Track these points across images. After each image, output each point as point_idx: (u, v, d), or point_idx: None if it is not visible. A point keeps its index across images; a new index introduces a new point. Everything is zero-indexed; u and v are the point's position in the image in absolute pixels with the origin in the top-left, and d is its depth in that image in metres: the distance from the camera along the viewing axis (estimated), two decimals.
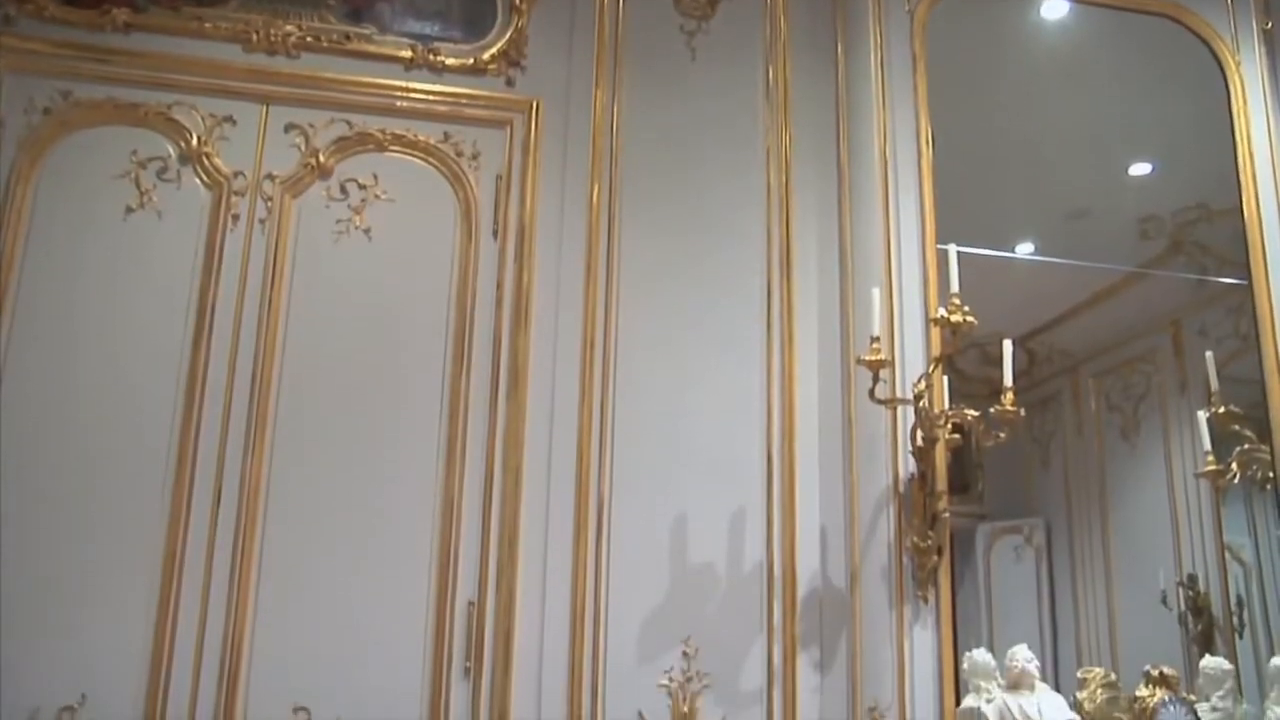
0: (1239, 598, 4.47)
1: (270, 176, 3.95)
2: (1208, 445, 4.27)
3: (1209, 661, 4.19)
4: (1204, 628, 4.42)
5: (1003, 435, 3.70)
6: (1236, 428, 4.36)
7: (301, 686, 3.53)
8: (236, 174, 3.93)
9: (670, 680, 3.76)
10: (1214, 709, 4.07)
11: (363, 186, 4.01)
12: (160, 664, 3.45)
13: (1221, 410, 4.39)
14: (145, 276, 3.78)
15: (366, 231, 3.95)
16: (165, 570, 3.52)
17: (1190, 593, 4.44)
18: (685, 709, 3.75)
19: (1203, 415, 4.41)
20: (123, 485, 3.58)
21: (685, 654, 3.78)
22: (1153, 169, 4.78)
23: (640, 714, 3.71)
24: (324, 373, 3.79)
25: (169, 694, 3.44)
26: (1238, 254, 4.52)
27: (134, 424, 3.64)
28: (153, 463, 3.61)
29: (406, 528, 3.69)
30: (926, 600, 3.78)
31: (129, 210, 3.84)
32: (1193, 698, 3.95)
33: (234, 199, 3.91)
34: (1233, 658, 4.24)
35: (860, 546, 3.88)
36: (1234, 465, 4.33)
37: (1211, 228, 4.67)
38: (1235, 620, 4.44)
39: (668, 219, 4.17)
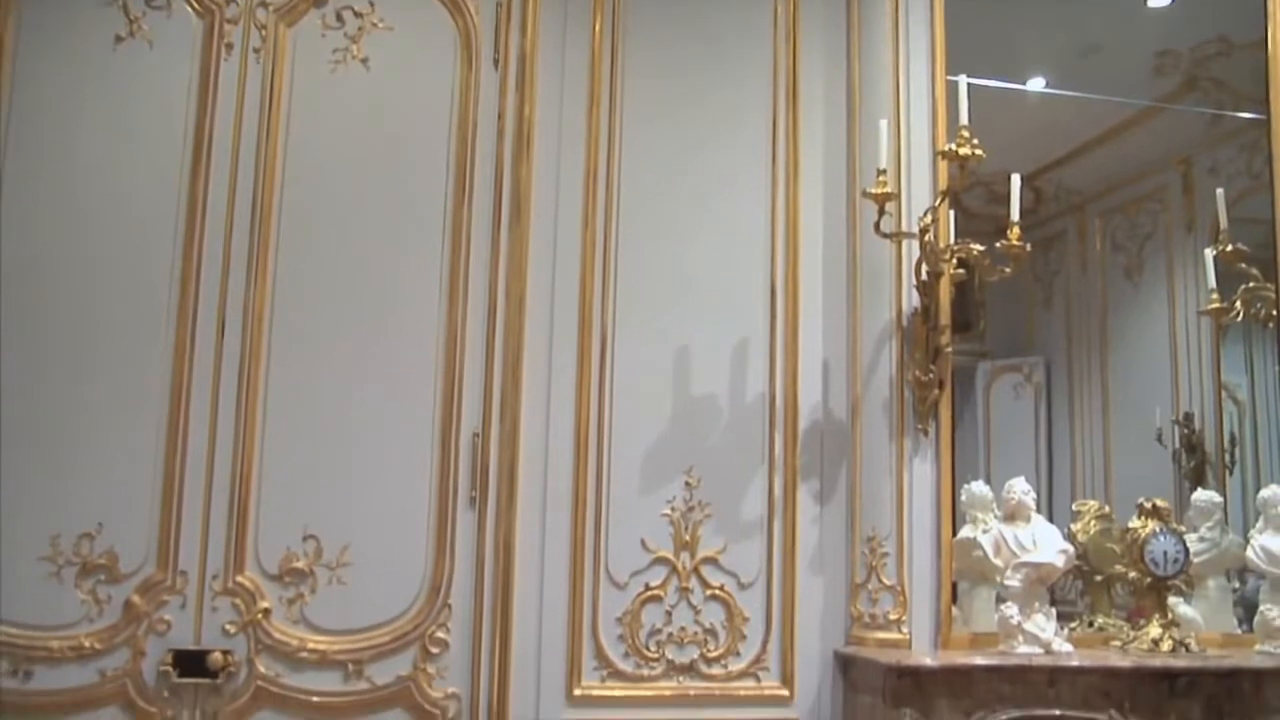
0: (1232, 435, 4.54)
1: (264, 4, 3.83)
2: (1213, 283, 4.26)
3: (1200, 495, 4.28)
4: (1196, 465, 4.50)
5: (1008, 270, 3.69)
6: (1243, 265, 4.35)
7: (310, 515, 3.59)
8: (229, 1, 3.81)
9: (672, 510, 3.83)
10: (1202, 539, 4.17)
11: (359, 15, 3.89)
12: (171, 494, 3.51)
13: (1229, 249, 4.37)
14: (139, 107, 3.70)
15: (364, 61, 3.85)
16: (173, 402, 3.55)
17: (1185, 431, 4.50)
18: (687, 538, 3.83)
19: (1209, 253, 4.40)
20: (126, 318, 3.57)
21: (687, 484, 3.84)
22: (1172, 1, 4.65)
23: (643, 542, 3.79)
24: (325, 204, 3.74)
25: (181, 522, 3.51)
26: (1257, 90, 4.42)
27: (135, 257, 3.61)
28: (155, 295, 3.60)
29: (410, 359, 3.70)
30: (926, 433, 3.82)
31: (118, 39, 3.74)
32: (1183, 529, 4.04)
33: (227, 27, 3.80)
34: (1223, 493, 4.34)
35: (862, 380, 3.90)
36: (1238, 303, 4.33)
37: (1230, 62, 4.57)
38: (1227, 458, 4.52)
39: (672, 48, 4.06)
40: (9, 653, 3.38)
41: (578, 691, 3.71)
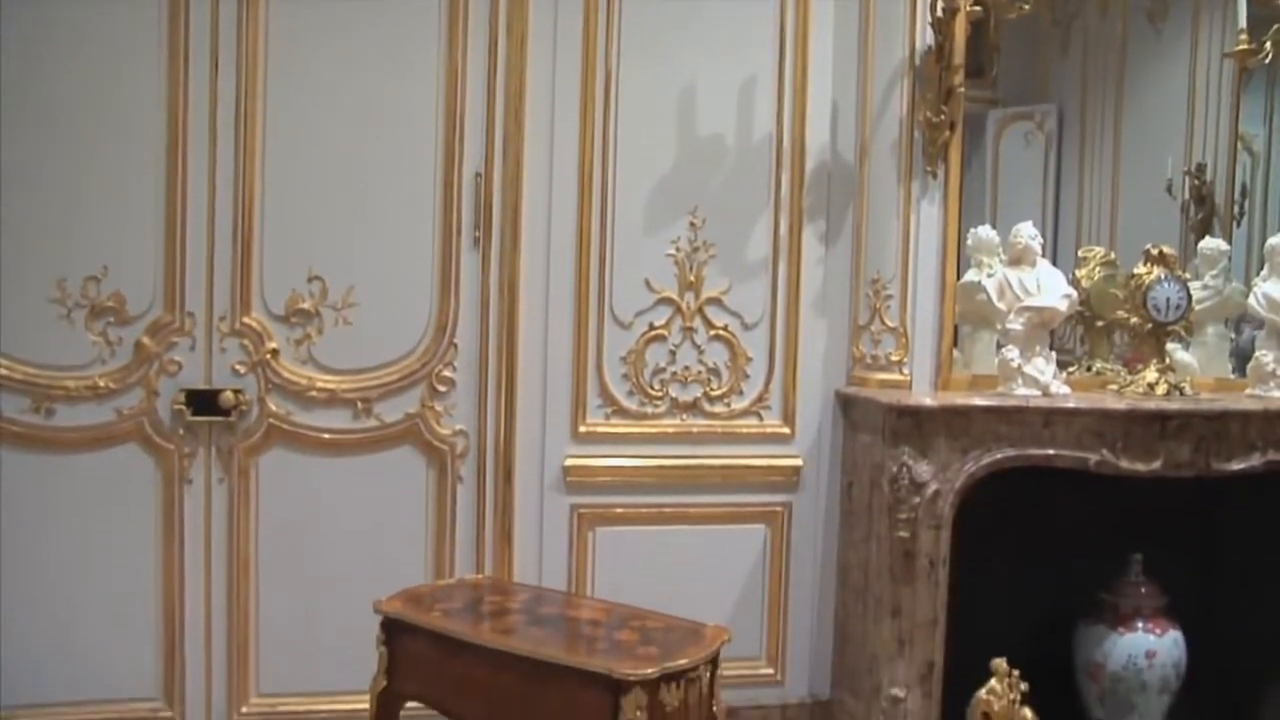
0: (1243, 186, 4.49)
1: None
2: (1242, 23, 4.10)
3: (1207, 242, 4.26)
4: (1204, 216, 4.46)
5: (1026, 7, 3.56)
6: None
7: (315, 257, 3.59)
8: None
9: (677, 250, 3.83)
10: (1205, 287, 4.18)
11: None
12: (174, 237, 3.50)
13: None
14: None
15: None
16: (170, 143, 3.47)
17: (1196, 181, 4.45)
18: (691, 278, 3.84)
19: None
20: (121, 58, 3.45)
21: (692, 224, 3.82)
22: None
23: (647, 282, 3.81)
24: None
25: (186, 264, 3.51)
26: None
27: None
28: (147, 32, 3.46)
29: (411, 99, 3.62)
30: (935, 175, 3.77)
31: None
32: (1187, 276, 4.03)
33: None
34: (1229, 244, 4.32)
35: (872, 120, 3.82)
36: (1267, 45, 4.18)
37: None
38: (1236, 209, 4.48)
39: None
40: (30, 391, 3.44)
41: (583, 428, 3.80)
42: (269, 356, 3.57)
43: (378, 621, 2.67)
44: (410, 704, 2.70)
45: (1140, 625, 3.95)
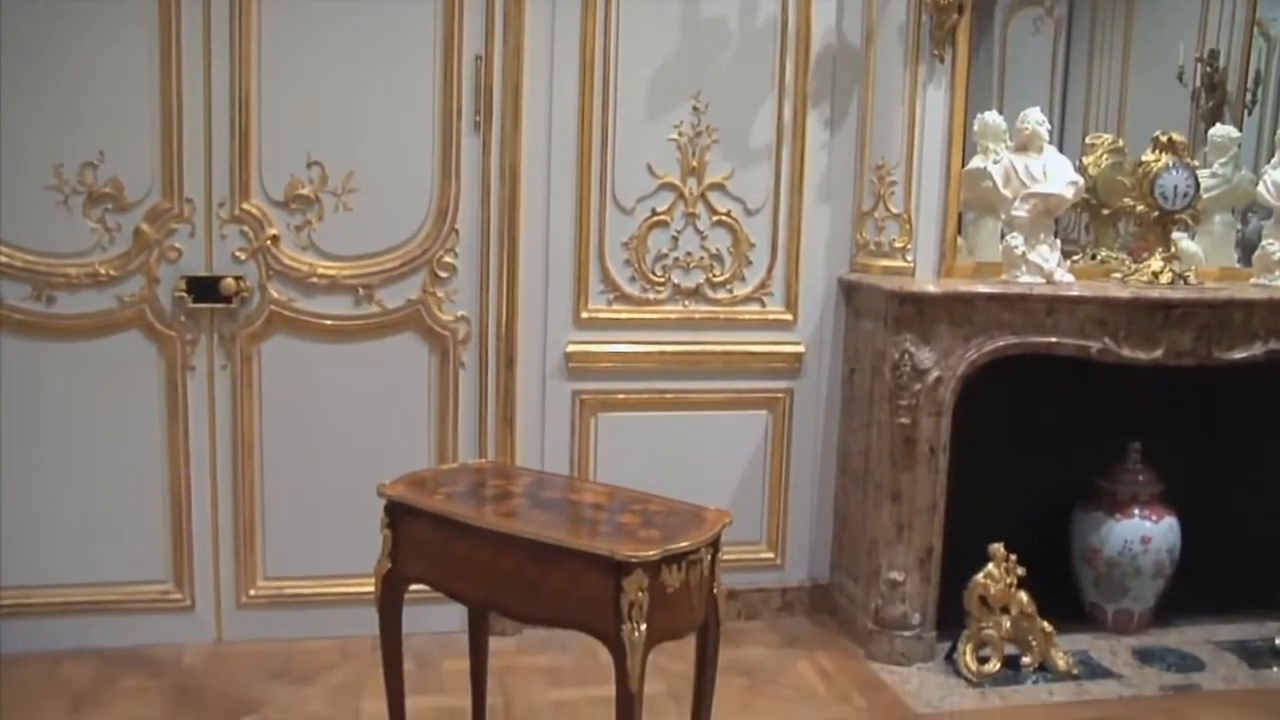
0: (1257, 73, 4.41)
1: None
2: None
3: (1218, 129, 4.21)
4: (1215, 103, 4.40)
5: None
6: None
7: (313, 142, 3.54)
8: None
9: (679, 135, 3.78)
10: (1214, 175, 4.14)
11: None
12: (171, 122, 3.44)
13: None
14: None
15: None
16: (162, 26, 3.40)
17: (1208, 68, 4.37)
18: (694, 163, 3.79)
19: None
20: None
21: (695, 109, 3.77)
22: None
23: (649, 167, 3.77)
24: None
25: (183, 151, 3.47)
26: None
27: None
28: None
29: None
30: (942, 60, 3.69)
31: None
32: (1196, 164, 3.99)
33: None
34: (1240, 131, 4.26)
35: (878, 3, 3.74)
36: None
37: None
38: (1249, 96, 4.41)
39: None
40: (31, 279, 3.43)
41: (584, 314, 3.80)
42: (269, 243, 3.55)
43: (382, 505, 2.69)
44: (414, 586, 2.73)
45: (1137, 512, 4.00)
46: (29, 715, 3.21)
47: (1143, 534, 3.96)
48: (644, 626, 2.32)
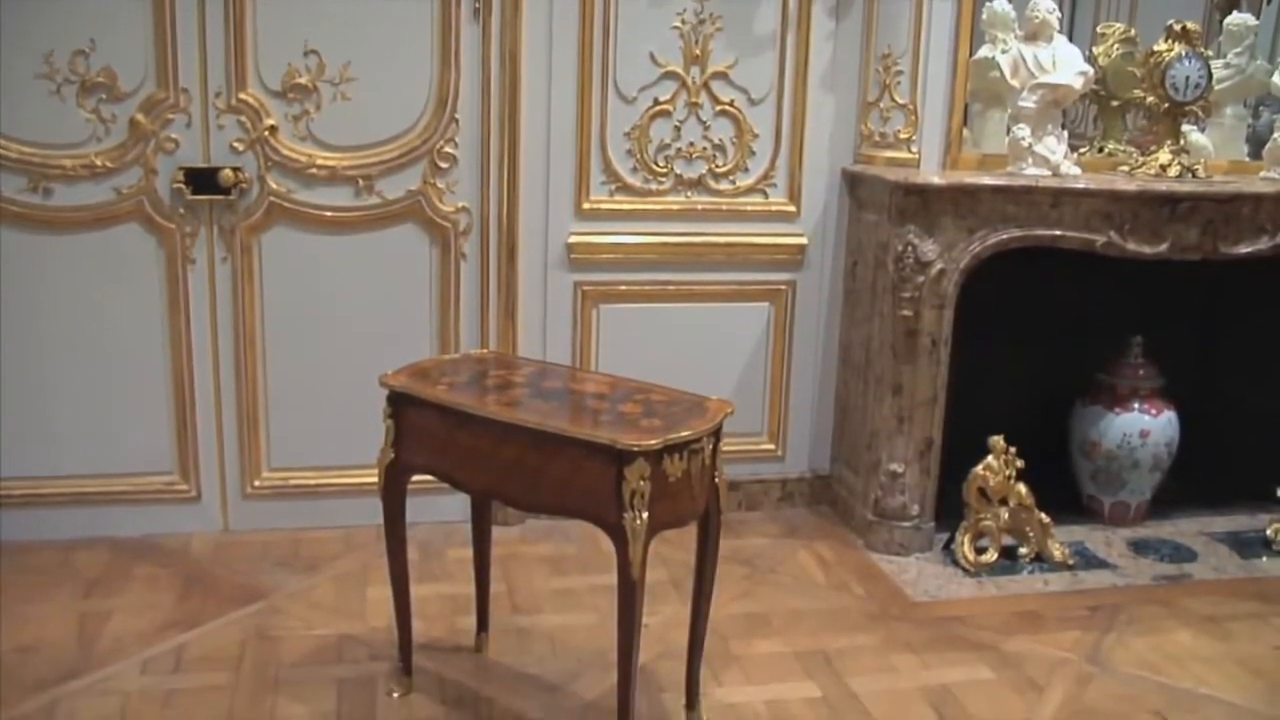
0: None
1: None
2: None
3: (1234, 17, 4.12)
4: None
5: None
6: None
7: (310, 29, 3.47)
8: None
9: (682, 22, 3.70)
10: (1228, 65, 4.07)
11: None
12: (163, 6, 3.36)
13: None
14: None
15: None
16: None
17: None
18: (697, 51, 3.72)
19: None
20: None
21: None
22: None
23: (652, 56, 3.70)
24: None
25: (177, 38, 3.40)
26: None
27: None
28: None
29: None
30: None
31: None
32: (1210, 54, 3.91)
33: None
34: (1258, 19, 4.17)
35: None
36: None
37: None
38: None
39: None
40: (27, 170, 3.40)
41: (586, 205, 3.77)
42: (267, 133, 3.51)
43: (384, 395, 2.69)
44: (418, 476, 2.76)
45: (1136, 406, 4.01)
46: (45, 599, 3.27)
47: (1141, 427, 3.99)
48: (645, 515, 2.34)
